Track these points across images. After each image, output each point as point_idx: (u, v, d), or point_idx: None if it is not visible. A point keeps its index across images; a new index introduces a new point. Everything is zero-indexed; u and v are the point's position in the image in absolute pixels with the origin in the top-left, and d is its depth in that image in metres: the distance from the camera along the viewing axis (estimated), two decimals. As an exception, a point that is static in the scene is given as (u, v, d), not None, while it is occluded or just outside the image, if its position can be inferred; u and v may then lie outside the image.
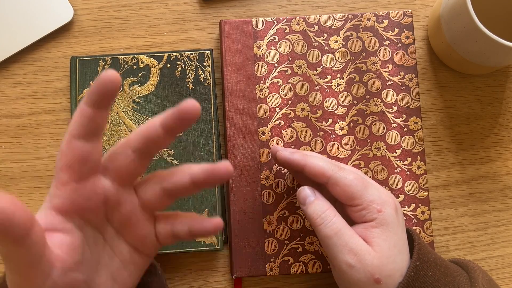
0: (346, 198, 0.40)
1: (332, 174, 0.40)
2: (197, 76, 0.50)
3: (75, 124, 0.32)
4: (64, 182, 0.32)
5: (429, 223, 0.48)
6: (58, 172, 0.32)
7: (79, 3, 0.53)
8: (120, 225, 0.35)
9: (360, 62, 0.50)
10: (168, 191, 0.35)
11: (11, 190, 0.50)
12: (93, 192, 0.33)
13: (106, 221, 0.35)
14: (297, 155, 0.42)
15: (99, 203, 0.34)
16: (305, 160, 0.41)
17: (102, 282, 0.35)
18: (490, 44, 0.44)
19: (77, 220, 0.33)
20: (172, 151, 0.49)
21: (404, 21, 0.51)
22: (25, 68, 0.52)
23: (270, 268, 0.48)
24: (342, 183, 0.40)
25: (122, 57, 0.50)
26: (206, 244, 0.48)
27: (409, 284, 0.38)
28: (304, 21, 0.51)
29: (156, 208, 0.36)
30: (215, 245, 0.48)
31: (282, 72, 0.50)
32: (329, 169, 0.41)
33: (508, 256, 0.51)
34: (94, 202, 0.33)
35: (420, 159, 0.49)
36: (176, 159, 0.49)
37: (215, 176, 0.33)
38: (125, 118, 0.49)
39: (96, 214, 0.34)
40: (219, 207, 0.48)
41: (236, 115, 0.49)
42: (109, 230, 0.36)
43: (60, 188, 0.32)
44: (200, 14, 0.54)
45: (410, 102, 0.50)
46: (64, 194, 0.32)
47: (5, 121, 0.51)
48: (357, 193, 0.40)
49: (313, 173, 0.41)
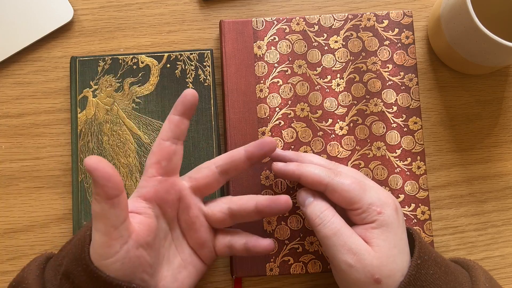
0: (346, 203, 0.40)
1: (329, 181, 0.40)
2: (197, 76, 0.50)
3: (165, 129, 0.41)
4: (151, 176, 0.41)
5: (429, 223, 0.48)
6: (148, 168, 0.41)
7: (79, 3, 0.53)
8: (186, 226, 0.42)
9: (360, 62, 0.50)
10: (233, 212, 0.42)
11: (11, 190, 0.50)
12: (172, 187, 0.41)
13: (176, 220, 0.42)
14: (291, 166, 0.42)
15: (175, 199, 0.41)
16: (300, 170, 0.42)
17: (164, 276, 0.41)
18: (490, 44, 0.44)
19: (156, 209, 0.41)
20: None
21: (404, 21, 0.51)
22: (25, 68, 0.52)
23: (270, 268, 0.48)
24: (340, 189, 0.40)
25: (122, 57, 0.50)
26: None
27: (410, 283, 0.38)
28: (304, 21, 0.51)
29: (217, 225, 0.43)
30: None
31: (282, 72, 0.50)
32: (325, 176, 0.41)
33: (508, 256, 0.51)
34: (172, 196, 0.41)
35: (420, 159, 0.49)
36: (176, 159, 0.49)
37: (276, 206, 0.40)
38: (125, 118, 0.49)
39: (171, 208, 0.41)
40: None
41: (236, 115, 0.49)
42: (177, 230, 0.43)
43: (148, 180, 0.41)
44: (200, 14, 0.54)
45: (410, 102, 0.50)
46: (150, 184, 0.40)
47: (5, 121, 0.51)
48: (356, 197, 0.40)
49: (309, 183, 0.41)
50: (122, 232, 0.36)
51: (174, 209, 0.42)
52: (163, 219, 0.41)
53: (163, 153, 0.41)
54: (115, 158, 0.49)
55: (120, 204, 0.36)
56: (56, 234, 0.50)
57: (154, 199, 0.41)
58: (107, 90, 0.50)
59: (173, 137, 0.41)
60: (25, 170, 0.51)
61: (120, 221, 0.36)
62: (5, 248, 0.50)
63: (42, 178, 0.51)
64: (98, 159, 0.34)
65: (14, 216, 0.50)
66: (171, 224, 0.42)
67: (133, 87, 0.50)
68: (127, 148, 0.49)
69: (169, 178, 0.41)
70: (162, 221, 0.41)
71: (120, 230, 0.36)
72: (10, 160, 0.51)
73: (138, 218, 0.39)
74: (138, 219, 0.39)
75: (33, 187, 0.51)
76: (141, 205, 0.40)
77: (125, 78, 0.50)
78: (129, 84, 0.50)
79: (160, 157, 0.41)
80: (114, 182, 0.35)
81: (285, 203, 0.40)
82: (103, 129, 0.49)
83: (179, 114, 0.41)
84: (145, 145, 0.49)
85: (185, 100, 0.41)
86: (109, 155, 0.49)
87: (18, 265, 0.49)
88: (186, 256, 0.43)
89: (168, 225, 0.42)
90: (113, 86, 0.50)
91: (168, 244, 0.42)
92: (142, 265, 0.38)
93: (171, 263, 0.42)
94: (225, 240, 0.43)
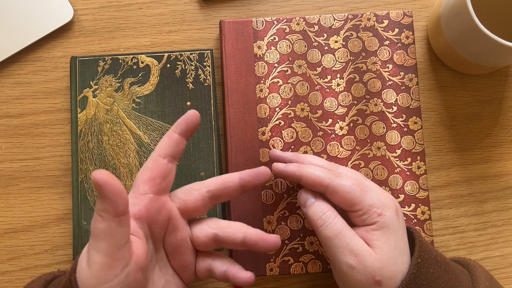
0: (346, 205, 0.40)
1: (330, 183, 0.40)
2: (197, 76, 0.50)
3: (164, 145, 0.40)
4: (144, 193, 0.38)
5: (429, 223, 0.48)
6: (139, 185, 0.39)
7: (79, 3, 0.53)
8: (172, 248, 0.41)
9: (360, 62, 0.50)
10: (219, 239, 0.40)
11: (11, 190, 0.50)
12: (163, 207, 0.39)
13: (161, 241, 0.41)
14: (292, 166, 0.42)
15: (165, 219, 0.39)
16: (300, 171, 0.41)
17: None
18: (490, 44, 0.44)
19: (146, 229, 0.38)
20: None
21: (404, 21, 0.51)
22: (25, 68, 0.52)
23: (270, 268, 0.48)
24: (340, 190, 0.40)
25: (122, 57, 0.50)
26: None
27: (411, 281, 0.38)
28: (304, 21, 0.51)
29: (200, 248, 0.41)
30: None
31: (282, 72, 0.50)
32: (325, 178, 0.40)
33: (508, 256, 0.51)
34: (162, 216, 0.39)
35: (420, 159, 0.49)
36: (176, 159, 0.49)
37: (264, 245, 0.40)
38: (125, 118, 0.49)
39: (160, 228, 0.39)
40: (219, 207, 0.48)
41: (236, 115, 0.49)
42: (161, 252, 0.41)
43: (139, 198, 0.38)
44: (200, 14, 0.54)
45: (410, 102, 0.50)
46: (142, 203, 0.38)
47: (5, 121, 0.51)
48: (357, 199, 0.40)
49: (310, 184, 0.41)
50: (125, 253, 0.34)
51: (163, 230, 0.40)
52: (150, 239, 0.39)
53: (159, 170, 0.39)
54: (115, 158, 0.49)
55: (127, 222, 0.34)
56: (56, 234, 0.50)
57: (145, 218, 0.38)
58: (107, 90, 0.50)
59: (171, 155, 0.40)
60: (25, 170, 0.51)
61: (124, 240, 0.34)
62: (5, 248, 0.50)
63: (42, 178, 0.51)
64: (107, 173, 0.32)
65: (14, 216, 0.50)
66: (156, 245, 0.40)
67: (133, 87, 0.50)
68: (127, 148, 0.49)
69: (161, 197, 0.39)
70: (149, 242, 0.39)
71: (124, 251, 0.34)
72: (10, 160, 0.51)
73: (134, 239, 0.37)
74: (134, 240, 0.37)
75: (33, 187, 0.51)
76: (133, 225, 0.38)
77: (125, 78, 0.50)
78: (129, 84, 0.50)
79: (156, 174, 0.39)
80: (124, 198, 0.33)
81: (273, 244, 0.40)
82: (103, 129, 0.49)
83: (180, 133, 0.40)
84: (145, 145, 0.49)
85: (189, 120, 0.40)
86: (109, 155, 0.49)
87: (18, 265, 0.49)
88: (170, 277, 0.41)
89: (154, 245, 0.40)
90: (113, 86, 0.50)
91: (154, 264, 0.40)
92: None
93: (156, 286, 0.40)
94: (205, 263, 0.42)
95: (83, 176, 0.48)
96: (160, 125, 0.49)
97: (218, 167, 0.49)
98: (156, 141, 0.49)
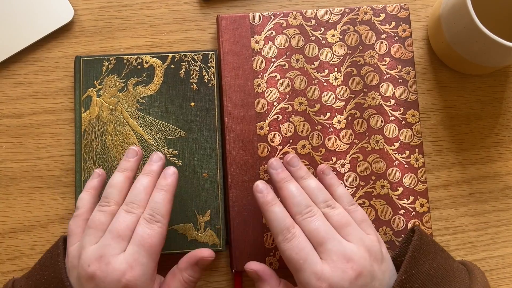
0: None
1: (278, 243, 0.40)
2: (201, 77, 0.50)
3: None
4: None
5: (428, 215, 0.49)
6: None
7: (79, 3, 0.53)
8: None
9: (358, 55, 0.51)
10: None
11: (11, 190, 0.50)
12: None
13: None
14: (266, 198, 0.42)
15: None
16: (267, 211, 0.42)
17: None
18: (490, 44, 0.45)
19: None
20: (175, 152, 0.49)
21: (400, 14, 0.51)
22: (26, 68, 0.52)
23: (270, 262, 0.48)
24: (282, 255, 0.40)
25: (126, 57, 0.50)
26: (208, 245, 0.48)
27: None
28: (301, 15, 0.51)
29: None
30: (217, 246, 0.48)
31: (279, 67, 0.50)
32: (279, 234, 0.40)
33: (508, 256, 0.51)
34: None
35: (418, 152, 0.49)
36: (180, 159, 0.49)
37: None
38: (129, 118, 0.49)
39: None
40: (221, 208, 0.48)
41: (234, 109, 0.49)
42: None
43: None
44: (200, 14, 0.54)
45: (408, 95, 0.50)
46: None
47: (5, 121, 0.51)
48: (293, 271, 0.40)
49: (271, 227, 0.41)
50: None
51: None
52: None
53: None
54: (119, 158, 0.48)
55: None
56: (57, 234, 0.50)
57: None
58: (111, 90, 0.49)
59: None
60: (26, 170, 0.51)
61: None
62: (6, 248, 0.49)
63: (43, 178, 0.51)
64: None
65: (15, 216, 0.50)
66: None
67: (137, 87, 0.50)
68: (129, 148, 0.49)
69: None
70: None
71: None
72: (10, 160, 0.51)
73: None
74: None
75: (33, 187, 0.50)
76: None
77: (129, 78, 0.50)
78: (133, 84, 0.50)
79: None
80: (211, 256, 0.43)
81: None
82: (107, 129, 0.49)
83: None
84: (148, 145, 0.49)
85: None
86: (112, 155, 0.49)
87: (18, 265, 0.49)
88: None
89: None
90: (117, 86, 0.50)
91: None
92: None
93: None
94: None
95: (86, 175, 0.48)
96: (164, 126, 0.49)
97: (221, 168, 0.49)
98: (160, 141, 0.49)
